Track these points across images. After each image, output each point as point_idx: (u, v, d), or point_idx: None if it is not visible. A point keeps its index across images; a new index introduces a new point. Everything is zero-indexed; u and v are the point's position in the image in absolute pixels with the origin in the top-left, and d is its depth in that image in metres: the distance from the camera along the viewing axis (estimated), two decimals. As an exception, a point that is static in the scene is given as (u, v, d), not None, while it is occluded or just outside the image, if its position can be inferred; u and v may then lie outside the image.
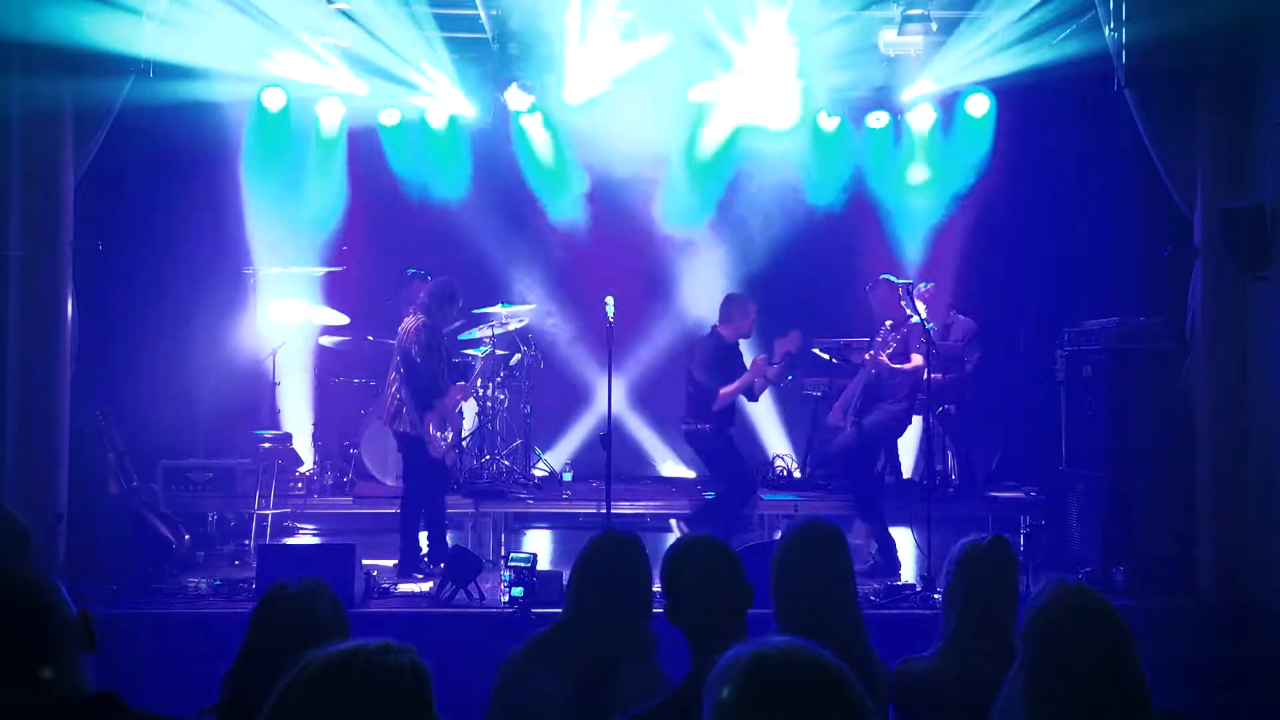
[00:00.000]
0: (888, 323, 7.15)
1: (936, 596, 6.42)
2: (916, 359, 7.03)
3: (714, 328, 7.33)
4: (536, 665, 3.03)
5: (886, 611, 6.26)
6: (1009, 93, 8.68)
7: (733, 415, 7.42)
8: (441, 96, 9.09)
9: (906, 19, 8.20)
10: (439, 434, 7.07)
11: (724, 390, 7.10)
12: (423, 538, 7.16)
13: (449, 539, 7.28)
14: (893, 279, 7.40)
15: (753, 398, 7.41)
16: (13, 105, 6.49)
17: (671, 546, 2.89)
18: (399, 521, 7.17)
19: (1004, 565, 3.06)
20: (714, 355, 7.19)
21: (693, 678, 2.58)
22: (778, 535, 6.43)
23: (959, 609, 3.02)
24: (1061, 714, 2.28)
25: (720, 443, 7.28)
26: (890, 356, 7.14)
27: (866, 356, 7.20)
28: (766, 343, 7.92)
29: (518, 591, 5.98)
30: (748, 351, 7.62)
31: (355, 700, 1.58)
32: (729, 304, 7.31)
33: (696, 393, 7.21)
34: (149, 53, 6.73)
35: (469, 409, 8.54)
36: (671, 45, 8.58)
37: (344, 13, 8.26)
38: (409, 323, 7.05)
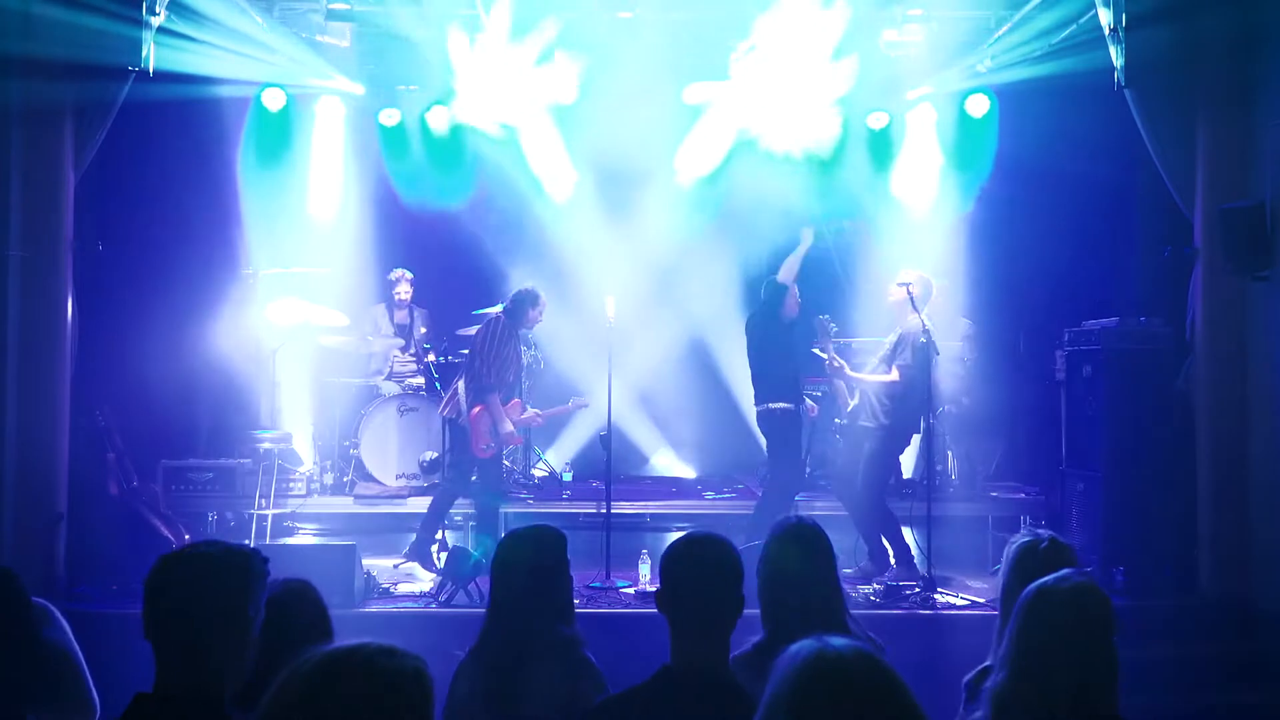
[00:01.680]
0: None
1: (937, 597, 6.44)
2: (894, 373, 6.93)
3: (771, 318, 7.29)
4: (466, 663, 3.11)
5: (887, 611, 6.25)
6: (1009, 93, 8.68)
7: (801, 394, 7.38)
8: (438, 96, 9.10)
9: (907, 19, 8.20)
10: (488, 436, 7.05)
11: (787, 266, 7.15)
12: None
13: (447, 538, 7.27)
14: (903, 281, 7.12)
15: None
16: (13, 105, 6.49)
17: (679, 540, 2.87)
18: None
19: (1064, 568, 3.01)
20: (775, 338, 7.21)
21: (667, 670, 2.61)
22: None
23: None
24: (1033, 693, 2.34)
25: (797, 425, 7.23)
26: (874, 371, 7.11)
27: (828, 367, 7.11)
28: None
29: (518, 591, 5.98)
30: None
31: (355, 697, 1.57)
32: (773, 289, 7.30)
33: (771, 373, 7.19)
34: (149, 53, 6.73)
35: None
36: (673, 44, 8.57)
37: (343, 13, 8.25)
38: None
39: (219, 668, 2.14)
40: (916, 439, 7.44)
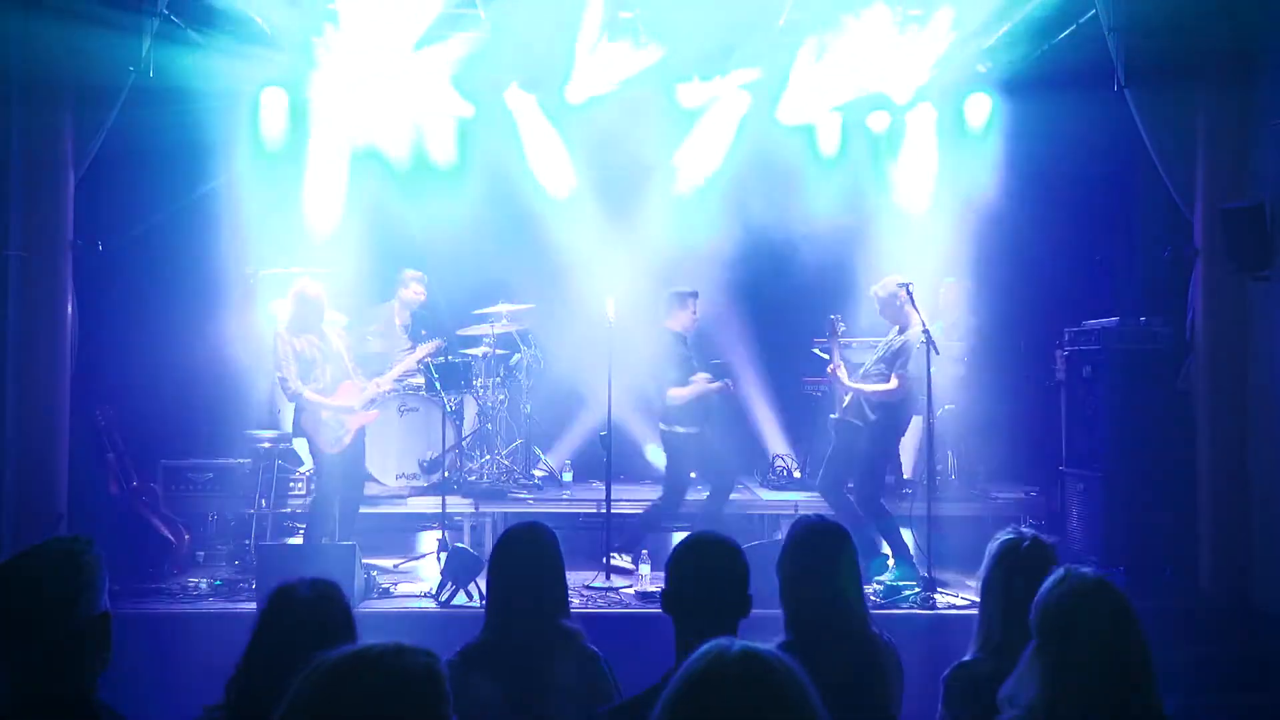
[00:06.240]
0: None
1: (937, 596, 6.44)
2: (893, 382, 6.93)
3: (663, 327, 7.33)
4: (467, 672, 3.03)
5: (886, 611, 6.25)
6: (1009, 93, 8.68)
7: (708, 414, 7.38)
8: (440, 96, 9.09)
9: (907, 19, 8.20)
10: (329, 429, 6.97)
11: (673, 392, 7.17)
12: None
13: (447, 538, 7.27)
14: (903, 281, 7.15)
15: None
16: (13, 106, 6.49)
17: (684, 541, 2.91)
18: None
19: (1044, 568, 3.03)
20: (672, 351, 7.22)
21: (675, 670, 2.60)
22: (778, 536, 6.43)
23: (1003, 609, 2.99)
24: (1078, 705, 2.29)
25: (693, 448, 7.26)
26: (869, 373, 7.10)
27: (828, 370, 7.16)
28: (775, 343, 7.88)
29: (518, 591, 5.97)
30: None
31: (368, 701, 1.56)
32: (671, 299, 7.36)
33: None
34: (149, 53, 6.73)
35: (469, 409, 8.54)
36: (674, 45, 8.57)
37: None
38: None
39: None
40: (914, 437, 7.44)
